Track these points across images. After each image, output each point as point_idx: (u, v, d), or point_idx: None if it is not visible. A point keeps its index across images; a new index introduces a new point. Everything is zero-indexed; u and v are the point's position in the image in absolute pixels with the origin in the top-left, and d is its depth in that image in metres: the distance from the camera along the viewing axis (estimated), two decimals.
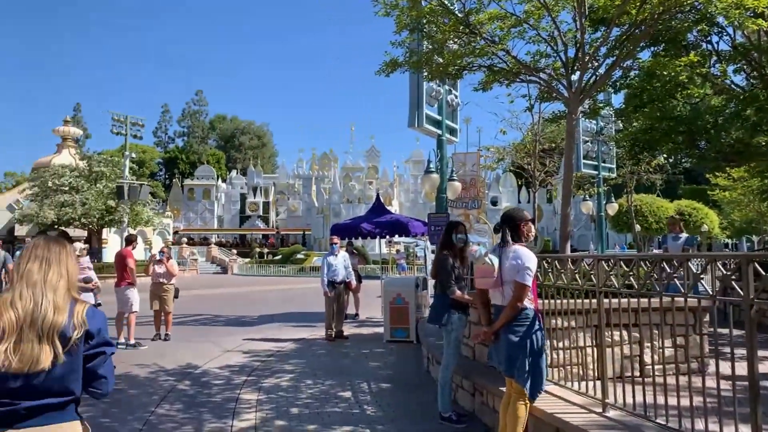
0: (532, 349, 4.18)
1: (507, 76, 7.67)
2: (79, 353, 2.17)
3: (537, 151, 16.11)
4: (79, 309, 2.22)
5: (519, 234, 4.33)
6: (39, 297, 2.17)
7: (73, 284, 2.31)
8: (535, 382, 4.20)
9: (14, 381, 2.06)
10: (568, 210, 7.09)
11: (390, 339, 10.18)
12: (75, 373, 2.17)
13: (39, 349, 2.08)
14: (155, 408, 6.09)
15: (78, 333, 2.15)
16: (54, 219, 28.96)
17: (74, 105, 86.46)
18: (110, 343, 2.31)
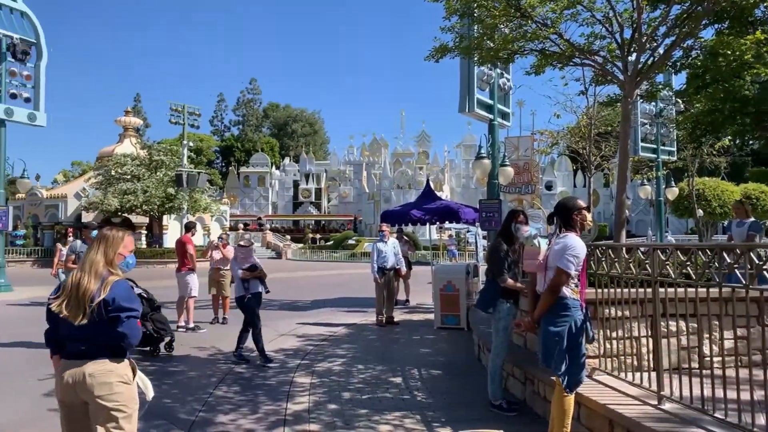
0: (570, 340, 4.12)
1: (560, 60, 7.47)
2: (103, 314, 2.98)
3: (592, 134, 15.64)
4: (109, 281, 3.05)
5: (572, 224, 4.25)
6: (84, 270, 3.08)
7: (110, 262, 3.15)
8: (572, 373, 4.14)
9: (71, 328, 2.98)
10: (623, 196, 6.88)
11: (440, 326, 10.21)
12: (104, 328, 2.99)
13: (78, 308, 2.98)
14: (213, 390, 6.33)
15: (99, 298, 2.97)
16: (117, 206, 30.22)
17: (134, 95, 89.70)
18: (126, 308, 3.02)
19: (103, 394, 2.99)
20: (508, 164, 12.97)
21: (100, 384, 2.99)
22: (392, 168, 56.55)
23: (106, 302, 2.98)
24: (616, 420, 4.08)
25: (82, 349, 3.02)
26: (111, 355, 3.06)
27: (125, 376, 3.08)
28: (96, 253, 3.15)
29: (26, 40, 18.52)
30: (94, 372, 2.99)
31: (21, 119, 18.33)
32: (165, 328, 8.04)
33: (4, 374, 7.09)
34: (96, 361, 3.01)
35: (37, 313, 12.28)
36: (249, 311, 7.65)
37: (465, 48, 7.78)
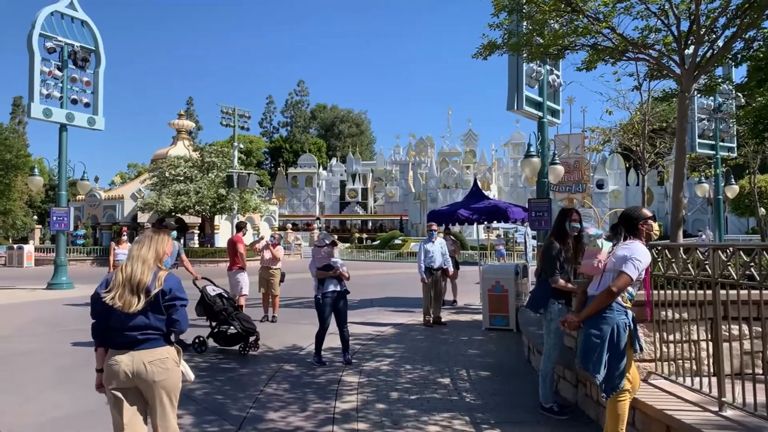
0: (611, 346, 3.99)
1: (612, 55, 7.25)
2: (159, 303, 3.32)
3: (646, 131, 15.13)
4: (161, 274, 3.40)
5: (638, 233, 4.12)
6: (135, 265, 3.38)
7: (159, 258, 3.49)
8: (610, 378, 4.01)
9: (127, 318, 3.27)
10: (680, 194, 6.63)
11: (489, 327, 10.09)
12: (160, 316, 3.33)
13: (132, 297, 3.28)
14: (264, 387, 6.44)
15: (156, 289, 3.32)
16: (171, 207, 31.15)
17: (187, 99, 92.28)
18: (180, 297, 3.40)
19: (162, 378, 3.33)
20: (558, 162, 12.72)
21: (160, 369, 3.33)
22: (439, 167, 56.30)
23: (163, 292, 3.35)
24: (674, 426, 3.93)
25: (138, 337, 3.31)
26: (165, 341, 3.42)
27: (176, 360, 3.44)
28: (148, 250, 3.47)
29: (86, 48, 19.33)
30: (153, 358, 3.32)
31: (81, 124, 19.13)
32: (252, 326, 8.19)
33: (67, 368, 7.40)
34: (153, 349, 3.34)
35: None
36: (320, 311, 7.60)
37: (514, 45, 7.66)
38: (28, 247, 34.78)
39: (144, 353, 3.30)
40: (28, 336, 9.74)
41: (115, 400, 3.33)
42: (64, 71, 18.69)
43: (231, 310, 8.22)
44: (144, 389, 3.34)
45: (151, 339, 3.33)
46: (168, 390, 3.37)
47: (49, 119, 18.18)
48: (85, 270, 29.85)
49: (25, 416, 5.39)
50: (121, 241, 12.48)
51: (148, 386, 3.32)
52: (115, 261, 12.24)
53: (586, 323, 4.09)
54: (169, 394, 3.38)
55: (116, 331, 3.31)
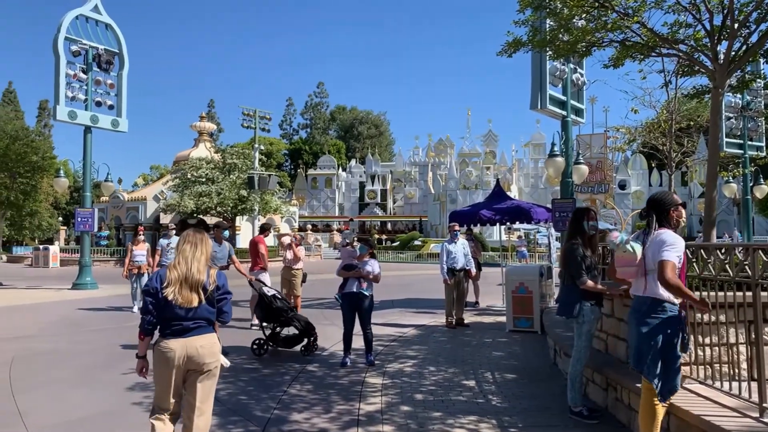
0: (665, 345, 3.87)
1: (641, 51, 7.08)
2: (213, 298, 3.78)
3: (673, 130, 14.81)
4: (212, 272, 3.83)
5: (668, 220, 4.00)
6: (190, 265, 3.75)
7: (208, 258, 3.87)
8: (667, 380, 3.89)
9: (181, 310, 3.67)
10: (713, 194, 6.44)
11: (513, 329, 9.96)
12: (211, 308, 3.79)
13: (190, 294, 3.68)
14: (287, 388, 6.39)
15: (212, 286, 3.76)
16: (193, 208, 31.41)
17: (208, 101, 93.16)
18: (229, 291, 3.90)
19: (210, 360, 3.75)
20: (583, 162, 12.52)
21: (209, 352, 3.75)
22: (458, 168, 55.99)
23: (218, 287, 3.82)
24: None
25: (191, 326, 3.72)
26: (213, 329, 3.87)
27: (219, 345, 3.89)
28: (200, 252, 3.85)
29: (110, 51, 19.58)
30: (204, 343, 3.74)
31: (105, 126, 19.37)
32: (311, 326, 8.11)
33: (90, 368, 7.44)
34: (204, 335, 3.77)
35: (119, 311, 12.92)
36: (342, 310, 7.58)
37: (541, 41, 7.51)
38: (53, 247, 35.32)
39: (196, 339, 3.71)
40: (52, 335, 9.83)
41: (162, 382, 3.70)
42: (88, 74, 18.94)
43: (289, 311, 8.15)
44: (192, 372, 3.72)
45: (201, 327, 3.77)
46: (212, 373, 3.78)
47: (74, 121, 18.43)
48: (109, 270, 30.21)
49: (50, 416, 5.41)
50: (137, 241, 12.52)
51: (197, 369, 3.71)
52: (132, 261, 12.29)
53: (637, 323, 3.98)
54: (213, 377, 3.80)
55: (172, 321, 3.69)
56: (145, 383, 6.52)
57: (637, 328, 3.97)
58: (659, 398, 3.93)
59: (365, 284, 7.45)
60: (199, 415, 3.70)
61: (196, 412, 3.68)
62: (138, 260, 12.33)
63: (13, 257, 38.77)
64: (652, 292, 3.97)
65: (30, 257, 35.79)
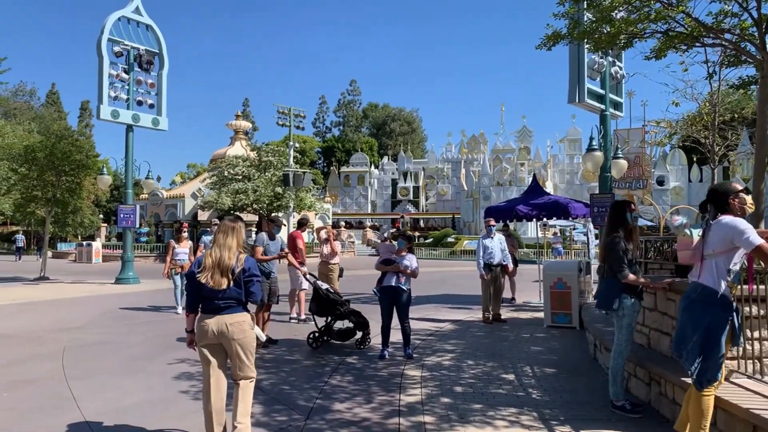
0: (709, 333, 3.82)
1: (685, 41, 6.94)
2: (241, 280, 4.26)
3: (717, 122, 14.42)
4: (242, 257, 4.32)
5: (730, 209, 3.93)
6: (222, 251, 4.29)
7: (240, 244, 4.36)
8: (705, 369, 3.84)
9: (214, 292, 4.21)
10: (761, 186, 6.28)
11: (551, 324, 9.89)
12: (239, 289, 4.27)
13: (221, 278, 4.21)
14: (328, 379, 6.50)
15: (239, 269, 4.25)
16: (230, 205, 31.92)
17: (243, 100, 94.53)
18: (256, 275, 4.36)
19: (239, 336, 4.26)
20: (622, 156, 12.32)
21: (238, 329, 4.26)
22: (492, 165, 55.52)
23: (244, 270, 4.28)
24: (761, 426, 3.73)
25: (222, 305, 4.25)
26: (242, 308, 4.33)
27: (250, 323, 4.36)
28: (231, 239, 4.36)
29: (151, 51, 20.06)
30: (233, 321, 4.25)
31: (146, 124, 19.86)
32: (365, 320, 8.24)
33: (138, 358, 7.68)
34: (233, 314, 4.27)
35: (162, 304, 13.24)
36: (380, 304, 7.67)
37: (581, 33, 7.42)
38: (96, 243, 36.38)
39: (226, 317, 4.24)
40: (99, 327, 10.17)
41: (204, 354, 4.31)
42: (130, 74, 19.45)
43: (343, 304, 8.27)
44: (225, 345, 4.28)
45: (231, 306, 4.27)
46: (243, 346, 4.28)
47: (116, 120, 18.95)
48: (149, 266, 30.96)
49: (102, 402, 5.62)
50: (181, 238, 11.67)
51: (228, 343, 4.25)
52: (174, 260, 11.47)
53: (684, 308, 3.95)
54: (245, 349, 4.30)
55: (207, 300, 4.27)
56: (191, 373, 6.74)
57: (684, 312, 3.94)
58: (696, 385, 3.89)
59: (403, 279, 7.52)
60: (244, 378, 4.32)
61: (241, 378, 4.31)
62: (181, 258, 11.55)
63: (58, 253, 40.07)
64: (705, 280, 3.92)
65: (74, 253, 36.95)
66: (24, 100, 71.94)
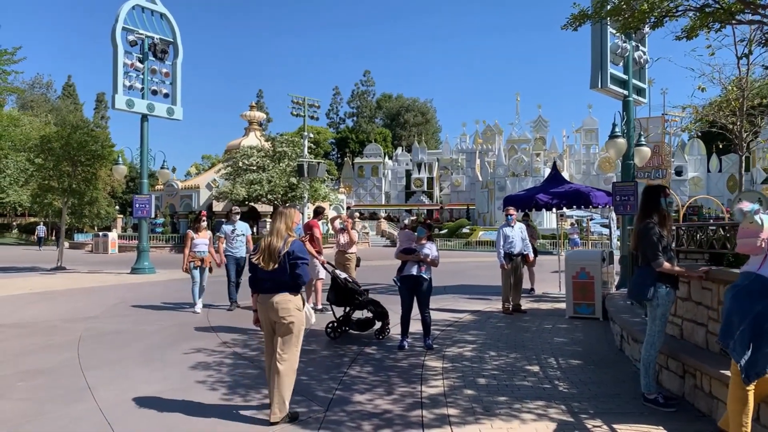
0: (758, 321, 3.59)
1: (722, 18, 6.62)
2: (286, 262, 4.61)
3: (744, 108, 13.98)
4: (289, 240, 4.68)
5: None
6: (273, 237, 4.71)
7: (289, 228, 4.76)
8: (754, 362, 3.62)
9: (264, 273, 4.66)
10: None
11: (573, 315, 9.66)
12: (286, 271, 4.62)
13: (269, 259, 4.63)
14: (347, 369, 6.35)
15: (284, 252, 4.61)
16: (245, 195, 31.91)
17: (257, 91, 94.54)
18: (301, 257, 4.66)
19: (283, 315, 4.62)
20: (645, 143, 11.99)
21: (282, 308, 4.62)
22: (507, 155, 54.98)
23: (289, 253, 4.62)
24: None
25: (270, 286, 4.66)
26: (288, 289, 4.66)
27: (298, 305, 4.69)
28: (280, 223, 4.75)
29: (165, 40, 19.94)
30: (279, 300, 4.63)
31: (161, 114, 19.78)
32: (384, 310, 8.07)
33: (154, 347, 7.58)
34: (279, 294, 4.64)
35: (178, 294, 13.18)
36: (401, 293, 7.52)
37: (611, 10, 7.12)
38: (112, 234, 36.61)
39: (275, 297, 4.64)
40: (116, 316, 10.11)
41: (263, 328, 4.79)
42: (144, 63, 19.35)
43: (363, 294, 8.11)
44: (274, 323, 4.67)
45: (279, 287, 4.64)
46: (288, 327, 4.62)
47: (131, 110, 18.89)
48: (165, 256, 31.07)
49: (118, 391, 5.51)
50: (200, 228, 10.54)
51: (276, 320, 4.65)
52: (193, 251, 10.36)
53: (733, 297, 3.72)
54: (290, 328, 4.63)
55: (261, 281, 4.71)
56: (207, 363, 6.62)
57: (734, 300, 3.70)
58: (744, 378, 3.67)
59: (424, 267, 7.33)
60: (280, 360, 4.60)
61: (277, 357, 4.62)
62: (200, 250, 10.41)
63: (75, 244, 40.38)
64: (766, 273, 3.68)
65: (90, 244, 37.21)
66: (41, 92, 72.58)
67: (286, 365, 4.61)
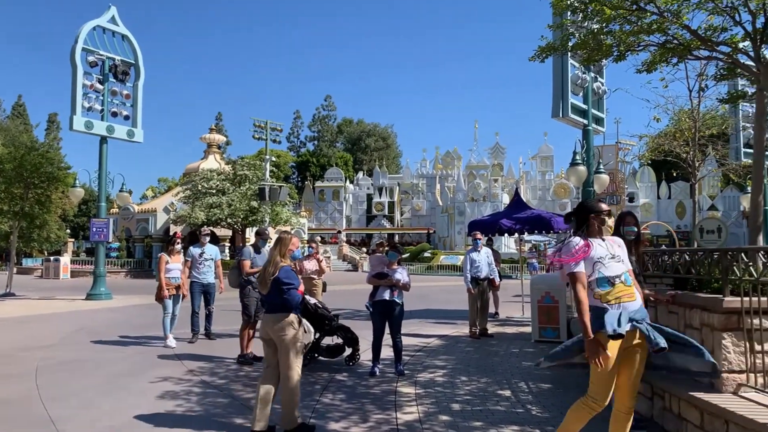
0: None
1: (681, 54, 6.99)
2: (275, 286, 5.06)
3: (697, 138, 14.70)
4: (279, 266, 5.12)
5: (589, 227, 4.02)
6: (267, 263, 5.27)
7: (283, 255, 5.20)
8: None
9: (264, 296, 5.21)
10: (759, 197, 6.31)
11: (539, 339, 9.81)
12: (278, 294, 5.04)
13: (264, 284, 5.17)
14: (319, 397, 6.27)
15: (273, 277, 5.07)
16: (204, 219, 31.36)
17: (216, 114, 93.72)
18: (286, 282, 5.04)
19: (278, 334, 5.01)
20: (604, 171, 12.41)
21: (276, 328, 5.02)
22: (466, 181, 55.91)
23: (276, 279, 5.07)
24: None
25: (269, 307, 5.14)
26: (282, 310, 5.04)
27: (293, 324, 5.04)
28: (275, 250, 5.22)
29: (126, 62, 19.67)
30: (275, 320, 5.04)
31: (121, 136, 19.41)
32: (355, 336, 7.96)
33: (118, 376, 7.33)
34: (273, 314, 5.07)
35: (138, 320, 12.80)
36: (372, 319, 7.49)
37: (579, 44, 7.42)
38: (64, 259, 35.40)
39: (272, 316, 5.08)
40: (73, 345, 9.74)
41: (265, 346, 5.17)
42: (105, 84, 19.01)
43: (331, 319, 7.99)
44: (275, 340, 5.04)
45: (272, 308, 5.10)
46: (284, 342, 4.99)
47: (90, 131, 18.46)
48: (120, 282, 30.18)
49: (82, 423, 5.31)
50: (173, 251, 9.66)
51: (275, 338, 5.03)
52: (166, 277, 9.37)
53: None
54: (287, 345, 4.99)
55: (264, 302, 5.26)
56: (175, 391, 6.44)
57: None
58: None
59: (396, 292, 7.36)
60: (283, 379, 4.97)
61: (281, 376, 4.99)
62: (173, 276, 9.49)
63: (23, 269, 38.84)
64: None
65: (40, 269, 35.85)
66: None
67: (289, 384, 4.94)
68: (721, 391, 4.57)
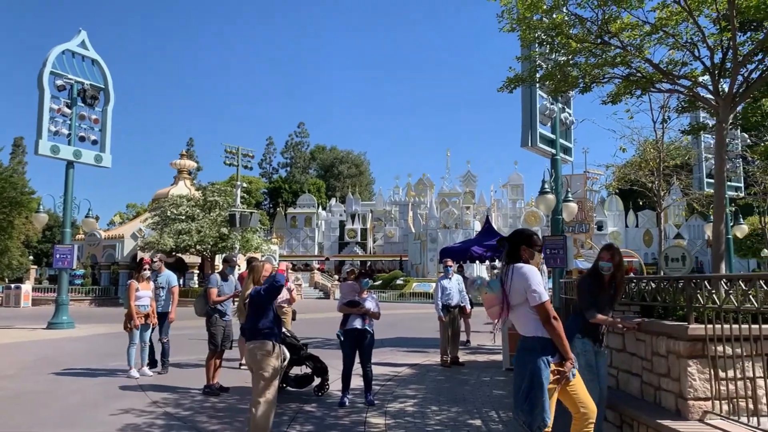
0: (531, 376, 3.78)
1: (644, 86, 7.22)
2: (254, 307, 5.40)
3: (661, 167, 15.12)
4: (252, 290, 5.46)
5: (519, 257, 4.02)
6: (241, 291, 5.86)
7: (256, 282, 5.49)
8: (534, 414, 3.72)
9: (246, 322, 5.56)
10: (721, 227, 6.46)
11: (509, 367, 9.77)
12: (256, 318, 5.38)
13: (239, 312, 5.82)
14: (287, 429, 6.14)
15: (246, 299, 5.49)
16: (173, 246, 30.81)
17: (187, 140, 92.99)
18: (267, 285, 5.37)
19: (250, 361, 5.28)
20: (572, 200, 12.62)
21: (253, 354, 5.25)
22: (438, 208, 56.29)
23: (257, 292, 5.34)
24: None
25: (247, 334, 5.37)
26: (257, 337, 5.27)
27: (267, 351, 5.22)
28: (249, 278, 5.59)
29: (96, 86, 19.45)
30: (252, 347, 5.27)
31: (88, 161, 19.08)
32: (324, 366, 7.80)
33: (78, 407, 7.07)
34: (252, 341, 5.28)
35: (101, 350, 12.42)
36: (343, 348, 7.38)
37: (546, 75, 7.61)
38: (25, 286, 34.25)
39: (249, 344, 5.34)
40: (33, 375, 9.38)
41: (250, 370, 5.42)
42: (72, 109, 18.73)
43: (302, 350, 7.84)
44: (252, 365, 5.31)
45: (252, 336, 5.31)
46: (255, 370, 5.24)
47: (56, 156, 18.12)
48: (84, 310, 29.34)
49: None
50: (142, 278, 9.27)
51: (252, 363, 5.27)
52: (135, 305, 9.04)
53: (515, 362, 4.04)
54: (256, 372, 5.22)
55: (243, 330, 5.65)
56: (137, 424, 6.23)
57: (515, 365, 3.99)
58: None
59: (368, 320, 7.30)
60: (255, 405, 5.10)
61: (253, 403, 5.15)
62: (142, 304, 9.17)
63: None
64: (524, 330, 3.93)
65: (0, 296, 34.66)
66: None
67: (261, 413, 5.08)
68: (688, 418, 4.61)
